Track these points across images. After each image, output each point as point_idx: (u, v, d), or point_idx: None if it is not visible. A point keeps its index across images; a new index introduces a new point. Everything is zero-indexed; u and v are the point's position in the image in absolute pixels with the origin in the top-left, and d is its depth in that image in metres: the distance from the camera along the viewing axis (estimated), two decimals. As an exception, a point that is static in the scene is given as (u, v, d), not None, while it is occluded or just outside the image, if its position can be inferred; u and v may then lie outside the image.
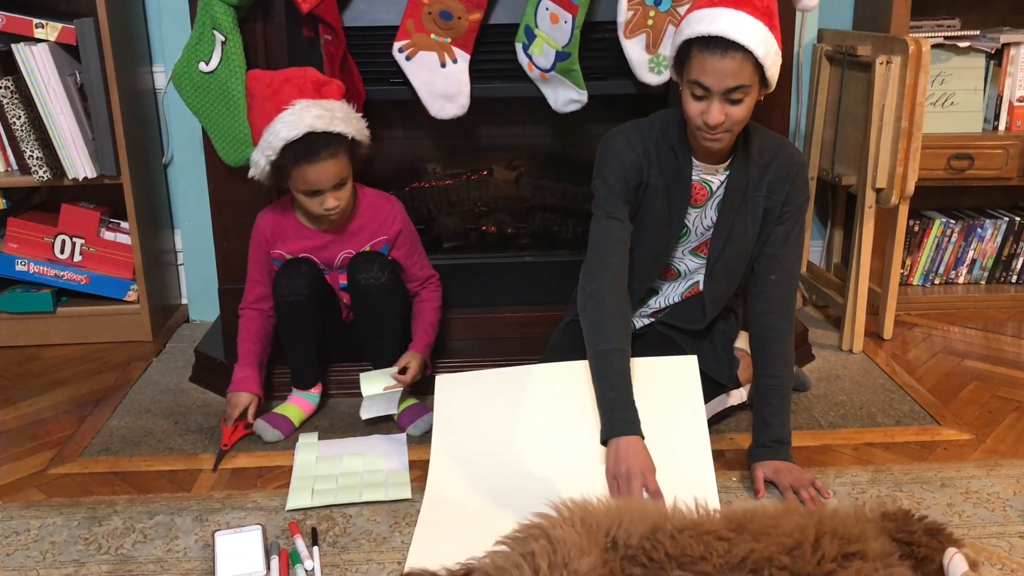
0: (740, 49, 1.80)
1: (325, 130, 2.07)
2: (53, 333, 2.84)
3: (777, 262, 2.07)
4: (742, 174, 2.03)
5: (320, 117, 2.07)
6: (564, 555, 1.41)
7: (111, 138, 2.68)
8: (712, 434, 2.06)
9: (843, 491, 1.98)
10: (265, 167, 2.11)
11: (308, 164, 2.08)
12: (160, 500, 1.97)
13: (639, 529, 1.50)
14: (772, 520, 1.53)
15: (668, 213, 2.07)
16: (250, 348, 2.32)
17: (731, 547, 1.48)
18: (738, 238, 2.08)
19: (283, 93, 2.09)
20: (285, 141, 2.05)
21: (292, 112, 2.07)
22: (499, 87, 2.40)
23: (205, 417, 2.36)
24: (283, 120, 2.06)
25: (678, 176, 2.03)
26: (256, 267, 2.33)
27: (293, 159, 2.07)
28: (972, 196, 3.29)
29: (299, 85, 2.10)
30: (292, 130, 2.05)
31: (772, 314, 2.07)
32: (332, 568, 1.72)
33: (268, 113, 2.09)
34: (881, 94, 2.53)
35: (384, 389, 2.21)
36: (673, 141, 2.02)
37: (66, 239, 2.83)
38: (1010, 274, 3.22)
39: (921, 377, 2.57)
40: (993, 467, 2.07)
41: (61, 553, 1.79)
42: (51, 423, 2.35)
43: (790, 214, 2.06)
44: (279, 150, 2.06)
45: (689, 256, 2.16)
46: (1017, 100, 3.03)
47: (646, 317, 2.27)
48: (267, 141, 2.08)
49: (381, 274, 2.22)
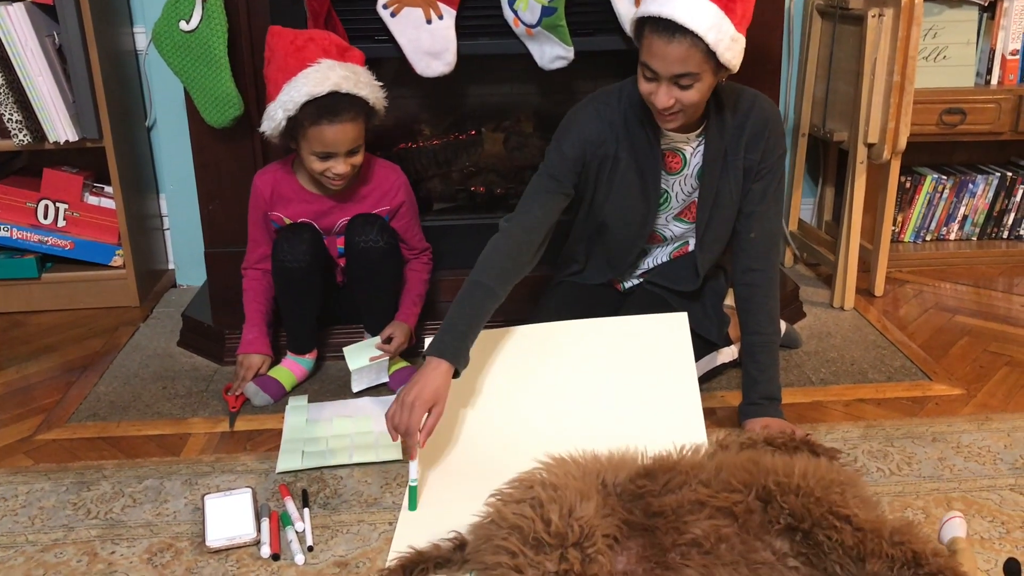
0: (689, 34, 1.74)
1: (350, 91, 2.04)
2: (38, 299, 2.81)
3: (756, 220, 2.05)
4: (718, 140, 2.00)
5: (346, 78, 2.04)
6: (570, 503, 1.42)
7: (92, 100, 2.63)
8: (703, 392, 2.06)
9: (835, 447, 1.97)
10: (281, 121, 2.06)
11: (328, 124, 2.04)
12: (149, 464, 1.96)
13: (622, 471, 1.53)
14: (743, 452, 1.60)
15: (642, 185, 2.05)
16: (257, 308, 2.30)
17: (704, 462, 1.55)
18: (725, 203, 2.06)
19: (307, 51, 2.04)
20: (309, 96, 2.01)
21: (318, 69, 2.02)
22: (485, 44, 2.36)
23: (194, 381, 2.35)
24: (308, 76, 2.01)
25: (648, 148, 2.01)
26: (256, 227, 2.30)
27: (314, 116, 2.03)
28: (964, 151, 3.27)
29: (323, 45, 2.06)
30: (318, 86, 2.01)
31: (755, 271, 2.06)
32: (323, 529, 1.72)
33: (290, 68, 2.04)
34: (873, 48, 2.50)
35: (370, 360, 2.19)
36: (640, 112, 1.98)
37: (49, 204, 2.80)
38: (1001, 230, 3.21)
39: (912, 333, 2.57)
40: (984, 421, 2.07)
41: (50, 518, 1.77)
42: (38, 389, 2.33)
43: (767, 170, 2.04)
44: (300, 105, 2.02)
45: (674, 222, 2.15)
46: (1010, 54, 3.00)
47: (636, 277, 2.25)
48: (288, 95, 2.03)
49: (380, 238, 2.19)
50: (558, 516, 1.40)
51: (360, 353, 2.20)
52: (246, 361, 2.26)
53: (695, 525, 1.44)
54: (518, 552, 1.37)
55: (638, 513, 1.47)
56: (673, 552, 1.43)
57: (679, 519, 1.45)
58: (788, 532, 1.44)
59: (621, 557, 1.43)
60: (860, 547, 1.38)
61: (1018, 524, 1.69)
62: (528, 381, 2.02)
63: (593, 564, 1.36)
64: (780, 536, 1.44)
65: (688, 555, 1.42)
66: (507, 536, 1.41)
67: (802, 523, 1.42)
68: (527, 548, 1.38)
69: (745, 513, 1.45)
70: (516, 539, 1.39)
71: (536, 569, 1.35)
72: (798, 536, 1.43)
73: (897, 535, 1.39)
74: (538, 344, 2.06)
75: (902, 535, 1.39)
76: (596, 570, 1.36)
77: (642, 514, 1.47)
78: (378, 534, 1.70)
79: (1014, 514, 1.73)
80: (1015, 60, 3.00)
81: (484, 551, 1.45)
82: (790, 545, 1.44)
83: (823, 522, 1.41)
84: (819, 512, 1.41)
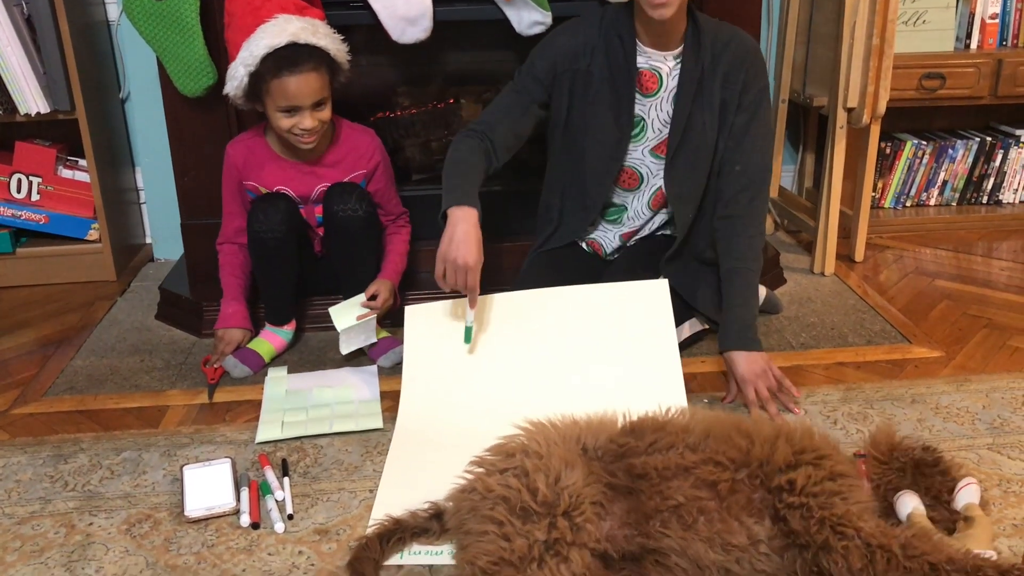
0: None
1: (308, 42, 2.03)
2: (13, 275, 2.78)
3: (740, 153, 2.05)
4: (694, 61, 2.02)
5: (304, 29, 2.04)
6: (556, 471, 1.41)
7: (63, 72, 2.59)
8: (685, 356, 2.05)
9: (815, 410, 1.98)
10: (243, 79, 2.05)
11: (290, 74, 2.02)
12: (127, 437, 1.95)
13: (602, 434, 1.52)
14: (733, 416, 1.57)
15: (616, 103, 2.05)
16: (234, 282, 2.28)
17: (691, 426, 1.52)
18: (696, 129, 2.06)
19: (264, 10, 2.04)
20: (268, 49, 2.00)
21: (275, 23, 2.03)
22: (462, 9, 2.34)
23: (172, 354, 2.33)
24: (266, 30, 2.01)
25: (625, 63, 2.03)
26: (231, 199, 2.27)
27: (274, 68, 2.02)
28: (943, 116, 3.27)
29: (280, 3, 2.06)
30: (275, 38, 2.00)
31: (738, 203, 2.06)
32: (303, 498, 1.71)
33: (248, 27, 2.04)
34: (852, 11, 2.48)
35: (356, 319, 2.17)
36: (620, 29, 2.03)
37: (22, 178, 2.76)
38: (981, 195, 3.22)
39: (892, 298, 2.58)
40: (963, 383, 2.08)
41: (27, 491, 1.76)
42: (14, 364, 2.30)
43: (749, 102, 2.04)
44: (260, 58, 2.01)
45: (650, 157, 2.13)
46: (989, 17, 3.00)
47: (619, 237, 2.24)
48: (248, 50, 2.02)
49: (359, 206, 2.17)
50: (545, 485, 1.39)
51: (346, 313, 2.17)
52: (226, 336, 2.24)
53: (679, 492, 1.42)
54: (505, 521, 1.36)
55: (621, 475, 1.46)
56: (655, 519, 1.42)
57: (664, 482, 1.44)
58: (769, 517, 1.42)
59: (605, 522, 1.43)
60: (870, 568, 1.33)
61: (995, 482, 1.71)
62: (507, 348, 2.01)
63: (582, 532, 1.36)
64: (759, 521, 1.42)
65: (668, 524, 1.41)
66: (492, 506, 1.39)
67: (806, 545, 1.38)
68: (514, 518, 1.37)
69: (729, 492, 1.43)
70: (503, 509, 1.38)
71: (525, 538, 1.34)
72: (778, 525, 1.41)
73: (910, 548, 1.33)
74: (517, 311, 2.05)
75: (914, 547, 1.33)
76: (585, 538, 1.36)
77: (625, 475, 1.46)
78: (358, 502, 1.70)
79: (992, 472, 1.74)
80: (994, 24, 3.00)
81: (468, 520, 1.43)
82: (767, 531, 1.41)
83: (827, 544, 1.35)
84: (822, 537, 1.36)
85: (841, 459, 1.49)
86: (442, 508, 1.55)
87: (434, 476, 1.63)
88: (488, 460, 1.51)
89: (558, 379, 1.97)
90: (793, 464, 1.43)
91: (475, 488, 1.46)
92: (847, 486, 1.43)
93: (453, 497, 1.52)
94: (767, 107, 2.08)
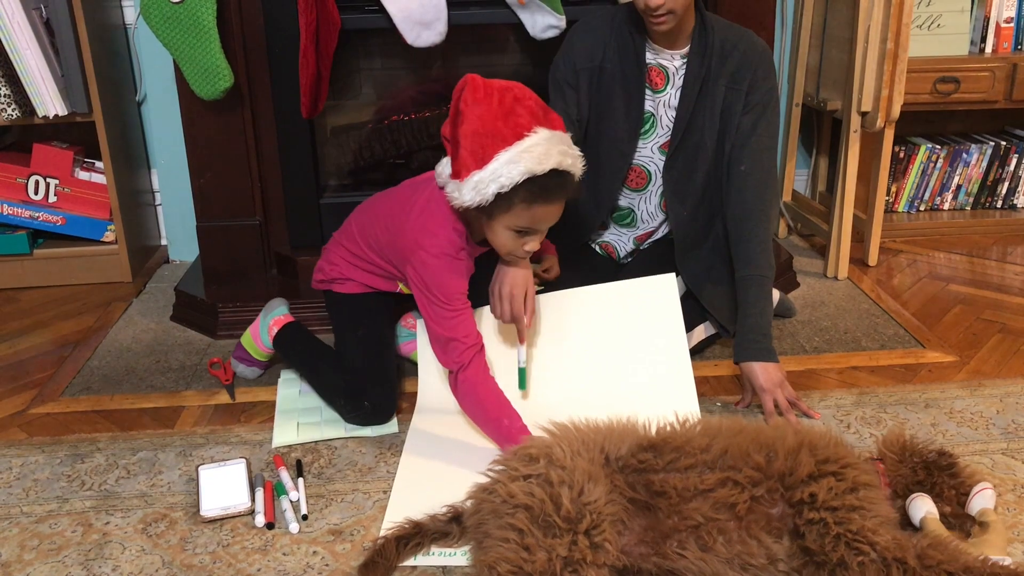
0: None
1: (567, 170, 1.80)
2: (30, 275, 2.80)
3: (747, 153, 2.06)
4: (699, 63, 2.04)
5: (565, 154, 1.79)
6: (579, 485, 1.39)
7: (81, 74, 2.61)
8: (698, 359, 2.06)
9: (828, 413, 1.98)
10: (491, 196, 1.77)
11: (545, 203, 1.80)
12: (143, 437, 1.96)
13: (624, 442, 1.50)
14: (752, 427, 1.54)
15: (627, 97, 2.07)
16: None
17: (711, 444, 1.49)
18: (696, 126, 2.08)
19: (516, 115, 1.78)
20: (529, 174, 1.75)
21: (537, 143, 1.76)
22: (477, 13, 2.35)
23: (187, 355, 2.34)
24: (530, 151, 1.75)
25: (635, 59, 2.06)
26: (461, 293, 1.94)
27: (529, 195, 1.77)
28: (958, 121, 3.26)
29: (529, 108, 1.80)
30: (539, 164, 1.74)
31: (746, 203, 2.06)
32: (317, 499, 1.72)
33: (500, 133, 1.76)
34: (867, 15, 2.48)
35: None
36: (631, 26, 2.06)
37: (40, 180, 2.78)
38: (995, 199, 3.21)
39: (906, 302, 2.57)
40: (977, 387, 2.08)
41: (44, 490, 1.78)
42: (31, 364, 2.32)
43: (756, 102, 2.05)
44: (519, 182, 1.76)
45: (658, 154, 2.15)
46: (1004, 21, 2.99)
47: (633, 240, 2.26)
48: (506, 169, 1.74)
49: None
50: (568, 500, 1.37)
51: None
52: None
53: (698, 512, 1.41)
54: (527, 531, 1.35)
55: (641, 490, 1.44)
56: (672, 539, 1.41)
57: (683, 502, 1.43)
58: (788, 534, 1.41)
59: (623, 537, 1.41)
60: None
61: (1009, 487, 1.70)
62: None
63: (600, 552, 1.34)
64: (778, 539, 1.41)
65: (686, 544, 1.40)
66: (514, 513, 1.38)
67: (823, 563, 1.37)
68: (536, 528, 1.35)
69: (747, 512, 1.42)
70: (524, 517, 1.37)
71: (546, 552, 1.32)
72: (796, 542, 1.40)
73: (926, 558, 1.32)
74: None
75: (930, 557, 1.32)
76: (603, 558, 1.34)
77: (645, 491, 1.44)
78: (372, 503, 1.71)
79: (1006, 477, 1.74)
80: (1009, 28, 2.99)
81: (488, 521, 1.43)
82: (785, 550, 1.40)
83: (843, 561, 1.35)
84: (838, 555, 1.35)
85: (866, 468, 1.48)
86: (461, 510, 1.55)
87: (448, 478, 1.64)
88: (511, 463, 1.49)
89: (570, 380, 1.98)
90: (816, 475, 1.43)
91: (496, 491, 1.44)
92: (868, 499, 1.41)
93: (474, 495, 1.51)
94: (774, 109, 2.08)
